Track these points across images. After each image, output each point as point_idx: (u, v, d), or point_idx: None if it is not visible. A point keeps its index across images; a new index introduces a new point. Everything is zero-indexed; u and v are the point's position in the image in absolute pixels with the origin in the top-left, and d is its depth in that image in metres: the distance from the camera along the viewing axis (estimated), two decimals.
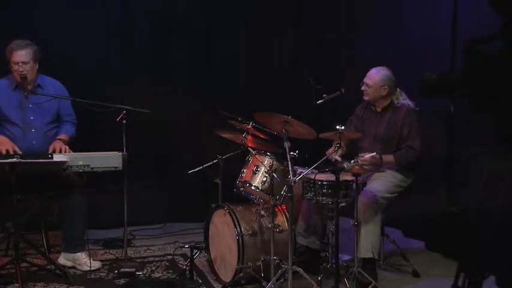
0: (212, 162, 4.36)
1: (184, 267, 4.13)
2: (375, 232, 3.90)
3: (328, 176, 3.70)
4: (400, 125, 4.08)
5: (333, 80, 5.40)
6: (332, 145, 3.93)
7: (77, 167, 3.86)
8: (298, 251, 4.11)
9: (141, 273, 4.09)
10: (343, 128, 3.67)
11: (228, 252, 3.85)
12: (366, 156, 3.85)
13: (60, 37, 4.92)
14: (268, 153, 3.87)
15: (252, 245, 3.77)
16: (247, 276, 3.78)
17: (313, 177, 3.72)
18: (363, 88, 4.18)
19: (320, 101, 4.46)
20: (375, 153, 3.88)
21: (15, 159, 3.62)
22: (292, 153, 3.63)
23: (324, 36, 5.93)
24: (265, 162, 3.79)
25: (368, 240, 3.87)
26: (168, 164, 5.44)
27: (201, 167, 4.41)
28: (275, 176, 3.67)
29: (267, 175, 3.75)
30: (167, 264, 4.33)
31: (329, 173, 3.63)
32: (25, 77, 4.08)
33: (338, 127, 3.65)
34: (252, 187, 3.82)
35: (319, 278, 3.79)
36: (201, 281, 3.95)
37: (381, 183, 4.02)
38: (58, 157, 3.85)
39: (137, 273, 4.06)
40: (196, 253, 4.16)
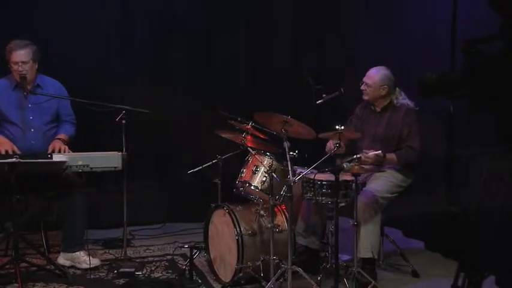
0: (211, 162, 4.36)
1: (184, 267, 4.13)
2: (374, 232, 3.90)
3: (328, 176, 3.70)
4: (400, 125, 4.08)
5: (333, 80, 5.40)
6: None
7: (77, 167, 3.86)
8: (298, 251, 4.11)
9: (140, 273, 4.09)
10: (343, 128, 3.67)
11: (228, 252, 3.85)
12: (370, 153, 3.85)
13: (60, 37, 4.92)
14: (268, 153, 3.87)
15: (252, 245, 3.77)
16: (247, 276, 3.78)
17: (312, 177, 3.72)
18: (362, 87, 4.18)
19: (319, 101, 4.47)
20: (379, 152, 3.89)
21: (14, 159, 3.62)
22: (291, 153, 3.63)
23: (324, 36, 5.93)
24: (265, 162, 3.79)
25: (368, 240, 3.86)
26: (168, 164, 5.44)
27: (200, 167, 4.42)
28: (274, 176, 3.67)
29: (266, 175, 3.75)
30: (167, 264, 4.32)
31: (329, 173, 3.63)
32: (24, 76, 4.08)
33: (337, 127, 3.64)
34: (252, 187, 3.81)
35: (319, 278, 3.78)
36: (200, 281, 3.95)
37: (381, 183, 4.01)
38: (57, 157, 3.85)
39: (137, 273, 4.06)
40: (195, 253, 4.16)
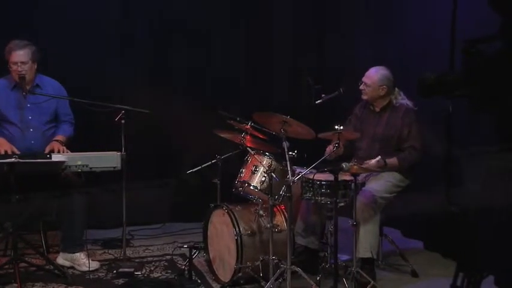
0: (211, 162, 4.35)
1: (183, 267, 4.13)
2: (373, 232, 3.90)
3: (327, 175, 3.70)
4: (399, 125, 4.08)
5: (332, 79, 5.39)
6: (331, 144, 3.93)
7: (76, 167, 3.86)
8: (297, 251, 4.11)
9: (139, 273, 4.09)
10: (342, 128, 3.67)
11: (227, 252, 3.85)
12: (372, 162, 3.86)
13: (60, 37, 4.92)
14: (267, 153, 3.87)
15: (251, 245, 3.77)
16: (246, 276, 3.78)
17: (312, 177, 3.72)
18: (361, 87, 4.18)
19: (319, 101, 4.46)
20: (379, 158, 3.89)
21: (13, 159, 3.62)
22: (291, 153, 3.63)
23: (323, 36, 5.93)
24: (264, 162, 3.79)
25: (367, 240, 3.86)
26: (167, 164, 5.44)
27: (199, 167, 4.41)
28: (274, 176, 3.67)
29: (265, 175, 3.75)
30: (166, 264, 4.32)
31: (328, 172, 3.63)
32: (23, 77, 4.07)
33: (337, 127, 3.64)
34: (251, 187, 3.81)
35: (318, 278, 3.78)
36: (199, 281, 3.95)
37: (380, 183, 4.01)
38: (56, 157, 3.85)
39: (136, 273, 4.06)
40: (195, 253, 4.16)
